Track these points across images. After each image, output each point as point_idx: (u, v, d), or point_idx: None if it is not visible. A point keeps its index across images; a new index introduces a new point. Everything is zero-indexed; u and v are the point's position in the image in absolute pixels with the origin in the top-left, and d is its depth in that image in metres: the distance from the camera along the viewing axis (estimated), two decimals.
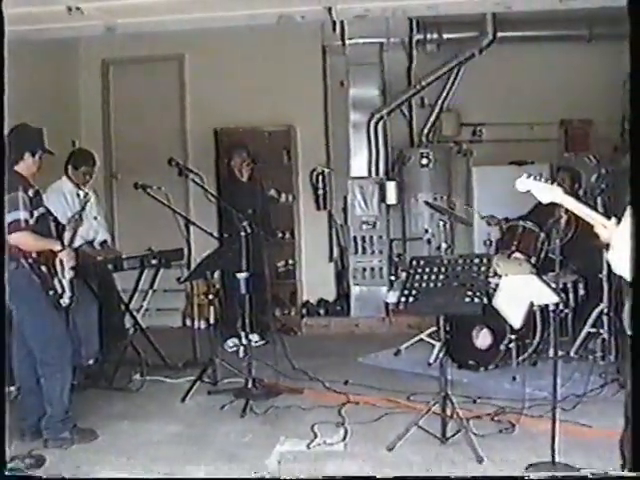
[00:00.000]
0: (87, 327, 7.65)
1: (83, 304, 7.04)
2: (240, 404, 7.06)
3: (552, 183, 4.45)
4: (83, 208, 7.07)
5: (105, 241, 8.58)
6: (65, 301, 6.09)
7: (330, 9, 7.12)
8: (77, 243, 7.44)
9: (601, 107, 10.88)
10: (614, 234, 4.16)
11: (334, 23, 10.27)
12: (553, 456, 5.45)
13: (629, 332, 4.20)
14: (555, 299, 6.06)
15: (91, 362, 7.89)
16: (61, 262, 6.04)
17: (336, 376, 7.90)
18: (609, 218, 4.24)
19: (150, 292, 8.73)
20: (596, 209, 4.38)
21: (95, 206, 8.41)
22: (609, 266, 7.61)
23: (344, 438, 6.26)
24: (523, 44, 11.11)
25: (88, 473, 5.65)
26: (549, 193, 4.41)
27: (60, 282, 6.04)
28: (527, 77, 11.09)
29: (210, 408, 7.22)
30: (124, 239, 10.33)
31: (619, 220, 4.12)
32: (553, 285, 6.10)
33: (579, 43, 11.04)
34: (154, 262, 8.36)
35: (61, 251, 6.08)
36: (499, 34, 10.87)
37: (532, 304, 6.28)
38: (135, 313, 8.62)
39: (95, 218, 8.38)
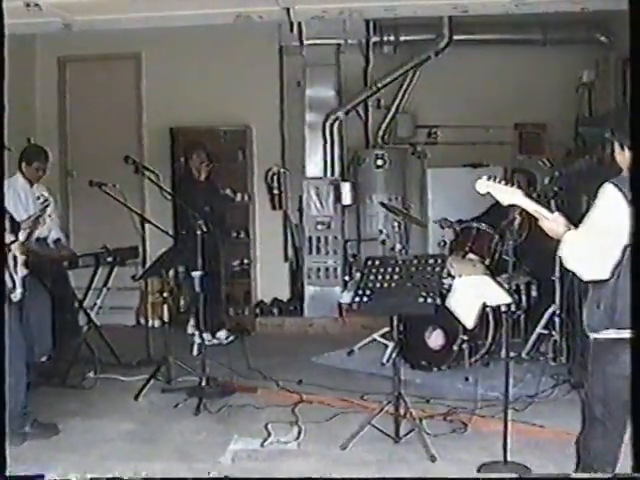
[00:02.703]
0: (40, 324, 7.58)
1: (36, 301, 7.00)
2: (194, 402, 7.05)
3: (512, 185, 4.48)
4: (42, 213, 6.99)
5: (58, 239, 8.53)
6: (17, 296, 6.05)
7: (288, 10, 7.12)
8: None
9: (555, 111, 11.02)
10: (560, 227, 4.20)
11: (291, 24, 10.26)
12: (505, 455, 5.50)
13: (589, 333, 4.24)
14: (508, 300, 6.11)
15: (44, 359, 7.84)
16: (14, 258, 6.01)
17: (290, 375, 7.93)
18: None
19: (104, 290, 8.70)
20: (550, 211, 4.38)
21: (50, 205, 8.34)
22: (561, 268, 7.74)
23: (298, 437, 6.28)
24: (479, 47, 11.20)
25: (40, 470, 5.62)
26: (509, 195, 4.43)
27: (12, 277, 6.00)
28: (482, 80, 11.18)
29: (164, 406, 7.20)
30: (79, 236, 10.30)
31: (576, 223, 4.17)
32: (506, 286, 6.16)
33: (534, 47, 11.16)
34: (109, 260, 8.36)
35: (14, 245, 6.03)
36: (455, 37, 10.94)
37: (485, 305, 6.34)
38: (89, 311, 8.58)
39: (49, 216, 8.31)
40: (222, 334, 9.43)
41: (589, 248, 4.03)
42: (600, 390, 4.23)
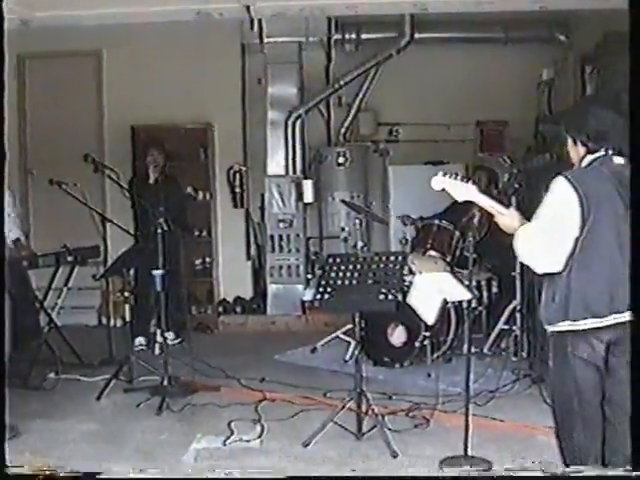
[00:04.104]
0: None
1: None
2: (156, 402, 7.02)
3: (467, 181, 4.48)
4: None
5: (18, 239, 8.45)
6: None
7: (248, 7, 7.14)
8: None
9: (516, 109, 11.08)
10: (515, 222, 4.23)
11: (252, 21, 10.26)
12: (466, 450, 5.54)
13: (546, 326, 4.25)
14: (468, 296, 6.14)
15: None
16: None
17: (252, 373, 7.92)
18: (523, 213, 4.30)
19: (65, 290, 8.62)
20: (506, 207, 4.39)
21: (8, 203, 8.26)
22: (522, 263, 7.78)
23: (260, 435, 6.28)
24: (441, 45, 11.24)
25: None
26: (464, 191, 4.44)
27: None
28: (444, 78, 11.23)
29: (126, 406, 7.17)
30: (39, 236, 10.21)
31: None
32: (466, 282, 6.19)
33: (495, 45, 11.22)
34: (69, 259, 8.29)
35: None
36: (417, 35, 10.99)
37: (446, 301, 6.36)
38: (50, 311, 8.52)
39: (8, 215, 8.24)
40: (170, 335, 9.24)
41: (539, 241, 4.05)
42: (571, 382, 4.18)
